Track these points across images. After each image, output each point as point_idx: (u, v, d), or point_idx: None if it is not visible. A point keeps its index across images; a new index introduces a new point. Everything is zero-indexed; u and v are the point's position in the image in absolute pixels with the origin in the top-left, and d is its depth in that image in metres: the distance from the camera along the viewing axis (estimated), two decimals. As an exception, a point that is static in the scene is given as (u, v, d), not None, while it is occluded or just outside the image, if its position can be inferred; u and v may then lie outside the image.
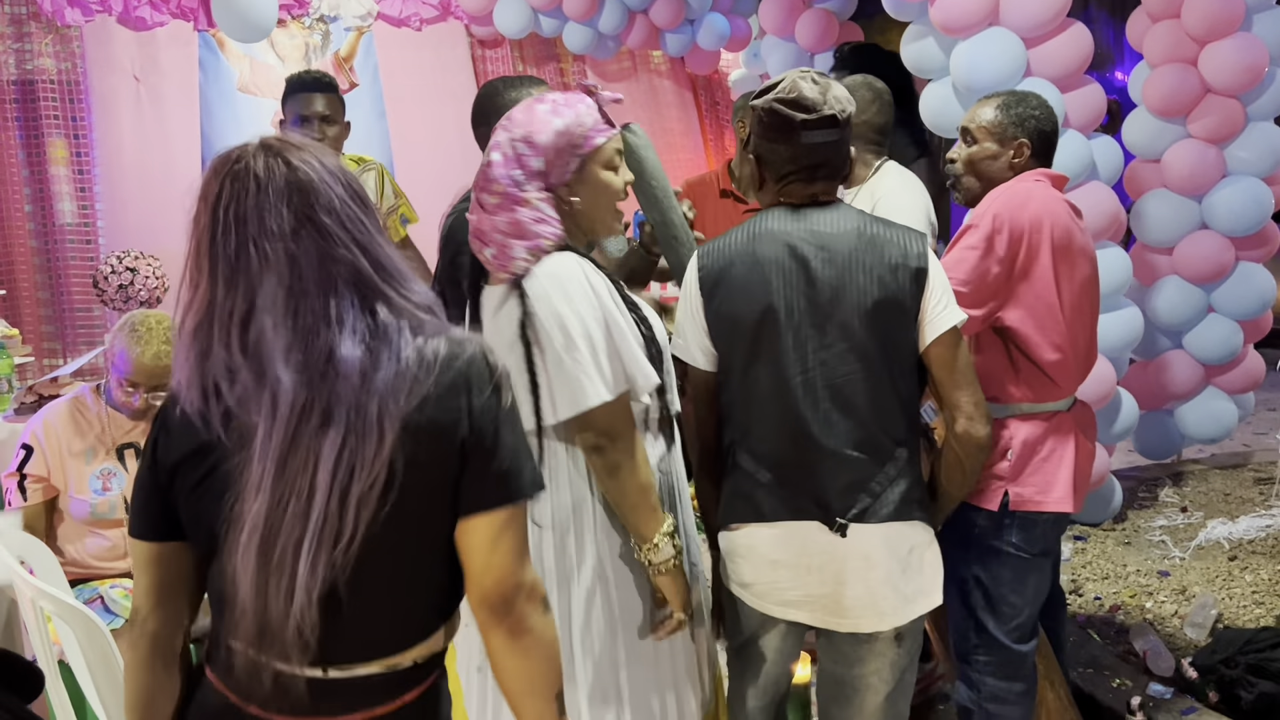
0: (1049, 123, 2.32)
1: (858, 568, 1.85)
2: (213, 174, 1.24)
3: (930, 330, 1.88)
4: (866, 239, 1.86)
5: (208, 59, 5.23)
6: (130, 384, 2.52)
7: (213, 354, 1.20)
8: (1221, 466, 4.87)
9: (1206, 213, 4.26)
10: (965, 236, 2.21)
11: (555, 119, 1.76)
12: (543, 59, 6.13)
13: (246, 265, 1.20)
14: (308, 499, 1.15)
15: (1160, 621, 3.33)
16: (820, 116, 1.84)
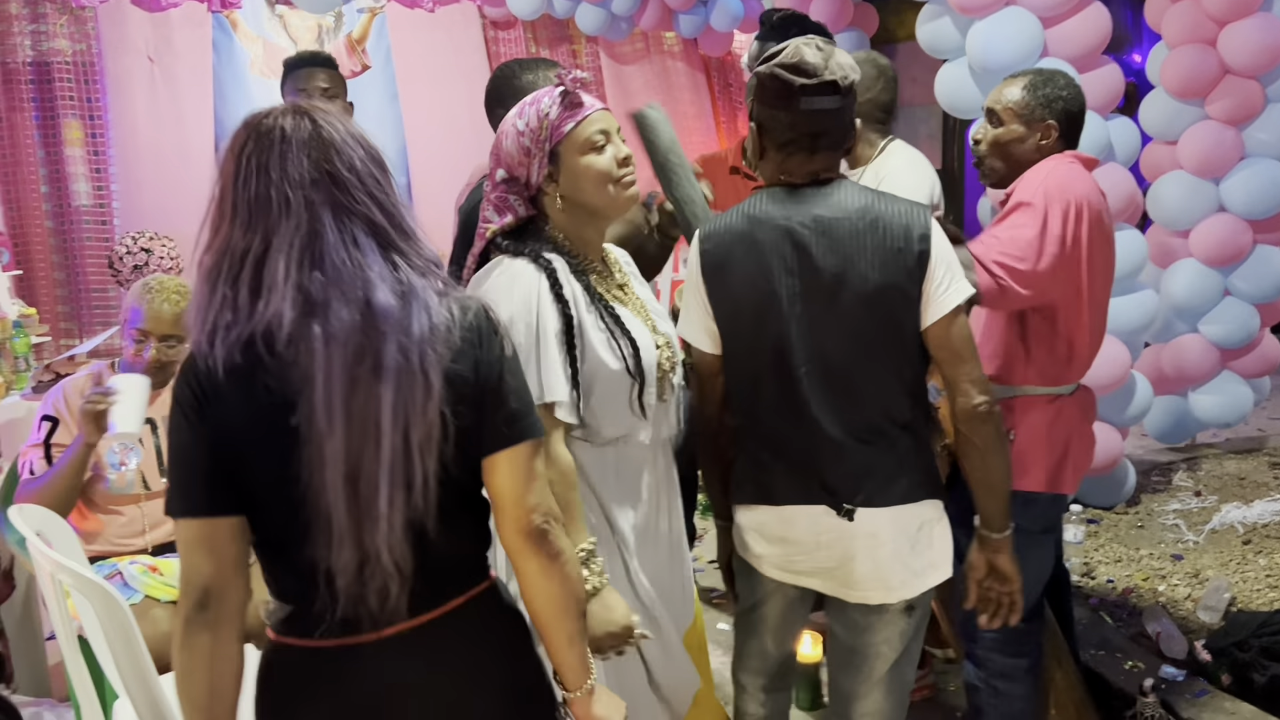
0: (1077, 103, 2.28)
1: (866, 545, 1.86)
2: (242, 127, 1.30)
3: (933, 311, 1.84)
4: (869, 220, 1.82)
5: (221, 40, 5.23)
6: (141, 334, 2.56)
7: (237, 302, 1.24)
8: (1236, 451, 4.85)
9: (1224, 195, 4.23)
10: (1018, 213, 2.15)
11: (518, 120, 1.77)
12: (556, 40, 6.11)
13: (265, 209, 1.25)
14: (376, 443, 1.23)
15: (1173, 605, 3.32)
16: (820, 82, 1.80)
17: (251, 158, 1.26)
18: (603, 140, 1.77)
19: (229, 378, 1.23)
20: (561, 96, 1.76)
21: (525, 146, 1.75)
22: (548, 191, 1.77)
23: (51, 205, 4.91)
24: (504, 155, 1.78)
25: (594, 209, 1.80)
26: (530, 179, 1.77)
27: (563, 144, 1.75)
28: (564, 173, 1.76)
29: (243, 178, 1.26)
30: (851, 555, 1.87)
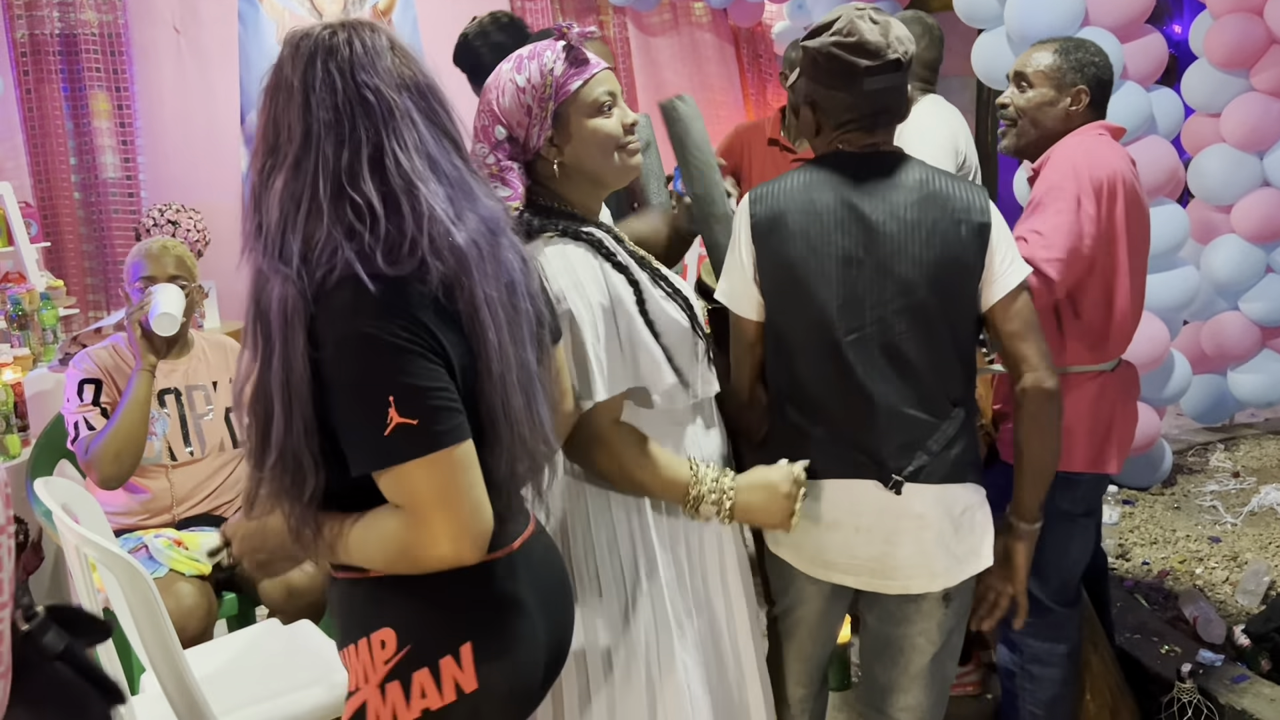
0: (1107, 71, 2.23)
1: (910, 527, 1.80)
2: (293, 46, 1.26)
3: (998, 288, 1.80)
4: (929, 193, 1.77)
5: (247, 11, 5.20)
6: (149, 279, 2.59)
7: (374, 211, 1.20)
8: (1275, 431, 4.75)
9: (1268, 169, 4.12)
10: (1053, 201, 2.09)
11: (517, 76, 1.61)
12: (583, 11, 6.04)
13: (368, 111, 1.21)
14: (522, 362, 1.31)
15: (1211, 588, 3.26)
16: (885, 62, 1.74)
17: (331, 66, 1.21)
18: (610, 101, 1.64)
19: (414, 290, 1.21)
20: (565, 51, 1.61)
21: (526, 105, 1.60)
22: (546, 156, 1.64)
23: (80, 177, 4.92)
24: (503, 112, 1.62)
25: (597, 176, 1.67)
26: (529, 142, 1.62)
27: (568, 104, 1.61)
28: (568, 136, 1.62)
29: (328, 86, 1.21)
30: (893, 539, 1.80)
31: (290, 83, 1.23)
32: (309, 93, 1.21)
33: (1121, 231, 2.11)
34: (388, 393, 1.16)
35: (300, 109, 1.21)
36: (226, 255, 5.12)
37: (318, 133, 1.20)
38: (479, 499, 1.23)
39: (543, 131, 1.61)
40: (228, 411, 2.70)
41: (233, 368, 2.73)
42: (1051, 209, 2.09)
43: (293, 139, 1.21)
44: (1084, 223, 2.06)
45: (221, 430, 2.70)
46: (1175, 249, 3.71)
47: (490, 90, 1.63)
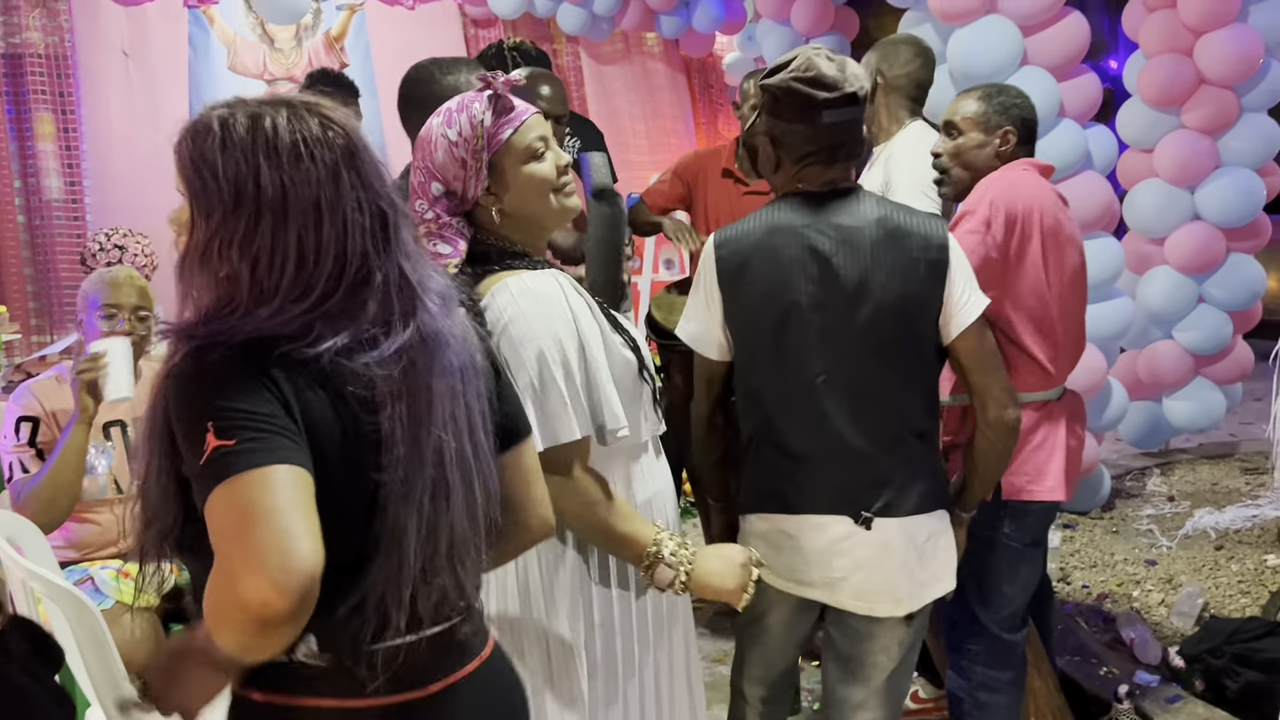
0: (1030, 110, 2.34)
1: (876, 556, 1.86)
2: (262, 127, 1.16)
3: (958, 322, 1.86)
4: (888, 230, 1.83)
5: (197, 35, 5.18)
6: (111, 308, 2.52)
7: (341, 306, 1.14)
8: (1209, 456, 4.90)
9: (1199, 203, 4.27)
10: (962, 222, 2.21)
11: (448, 130, 1.60)
12: (536, 39, 6.09)
13: (357, 219, 1.16)
14: (453, 459, 1.19)
15: (1147, 610, 3.35)
16: (842, 94, 1.80)
17: (267, 144, 1.14)
18: (542, 147, 1.62)
19: (324, 378, 1.13)
20: (492, 101, 1.60)
21: (460, 158, 1.59)
22: (484, 205, 1.62)
23: (23, 200, 4.85)
24: (438, 168, 1.61)
25: (537, 220, 1.66)
26: (467, 193, 1.61)
27: (502, 153, 1.59)
28: (504, 185, 1.61)
29: (316, 182, 1.14)
30: (861, 566, 1.87)
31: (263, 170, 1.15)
32: (289, 188, 1.15)
33: (1039, 264, 2.18)
34: (207, 417, 1.07)
35: (283, 202, 1.15)
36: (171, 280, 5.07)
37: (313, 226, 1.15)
38: (287, 528, 1.02)
39: (479, 182, 1.60)
40: None
41: None
42: (959, 230, 2.18)
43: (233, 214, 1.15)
44: (988, 247, 2.14)
45: None
46: (1111, 280, 3.83)
47: (422, 146, 1.63)
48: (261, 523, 1.02)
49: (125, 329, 2.53)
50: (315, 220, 1.13)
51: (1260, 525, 3.95)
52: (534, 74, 2.57)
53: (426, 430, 1.16)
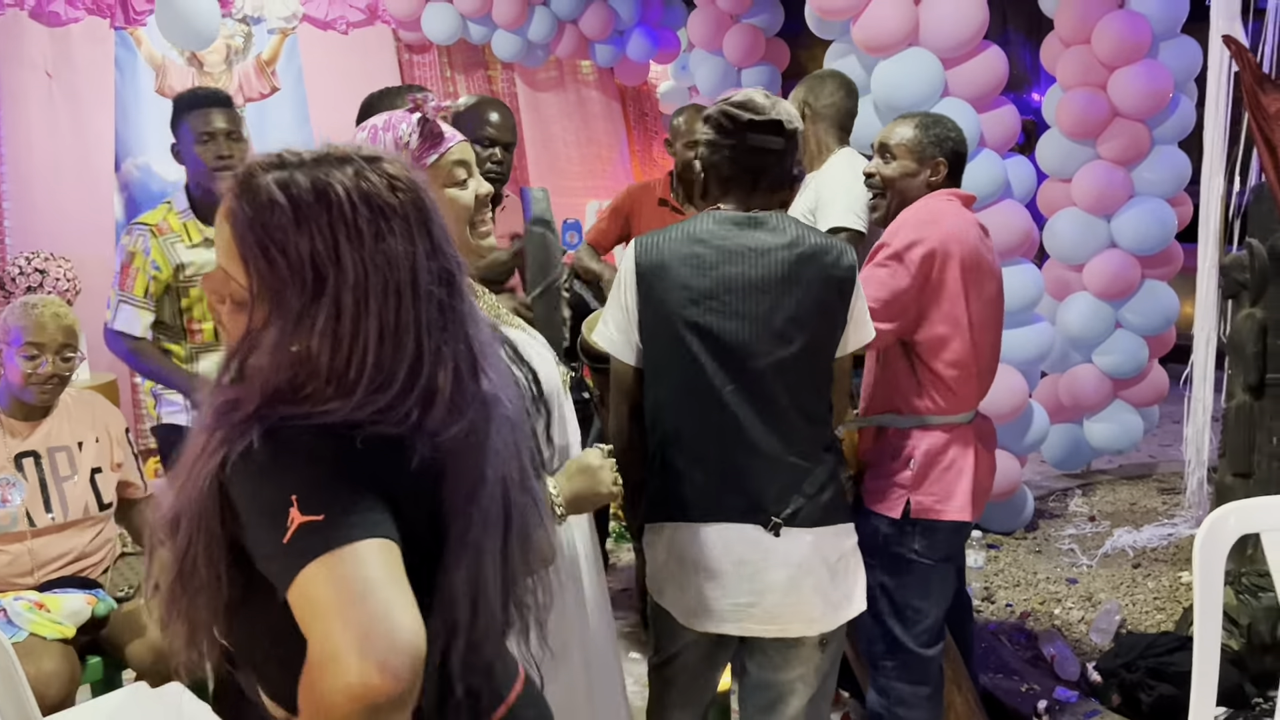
0: (963, 143, 2.41)
1: (791, 575, 1.88)
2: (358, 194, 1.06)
3: (853, 341, 1.96)
4: (801, 250, 1.90)
5: (124, 58, 5.10)
6: (34, 347, 2.46)
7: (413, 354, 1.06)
8: (1128, 477, 5.04)
9: (1115, 232, 4.42)
10: (880, 253, 2.27)
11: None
12: (471, 66, 6.11)
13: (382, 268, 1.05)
14: (514, 508, 1.16)
15: (1068, 627, 3.43)
16: (767, 119, 1.90)
17: (367, 201, 1.06)
18: (464, 174, 1.61)
19: (399, 448, 1.06)
20: (420, 124, 1.59)
21: None
22: None
23: (-60, 222, 4.73)
24: None
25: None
26: None
27: (426, 175, 1.59)
28: None
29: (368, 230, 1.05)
30: (772, 588, 1.89)
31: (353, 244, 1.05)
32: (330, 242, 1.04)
33: (957, 292, 2.25)
34: (289, 492, 0.98)
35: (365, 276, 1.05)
36: (97, 305, 4.96)
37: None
38: (389, 605, 0.94)
39: None
40: (93, 473, 2.61)
41: (99, 426, 2.66)
42: (876, 260, 2.25)
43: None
44: (899, 278, 2.21)
45: (86, 494, 2.59)
46: (1031, 305, 3.94)
47: None
48: (361, 602, 0.93)
49: (48, 370, 2.48)
50: (397, 302, 1.04)
51: (1175, 543, 4.08)
52: (482, 100, 2.58)
53: (488, 491, 1.11)
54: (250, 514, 1.01)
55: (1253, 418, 3.31)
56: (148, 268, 2.80)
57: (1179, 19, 4.27)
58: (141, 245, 2.80)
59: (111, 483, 2.65)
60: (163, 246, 2.81)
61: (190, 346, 2.91)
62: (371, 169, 1.07)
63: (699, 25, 5.26)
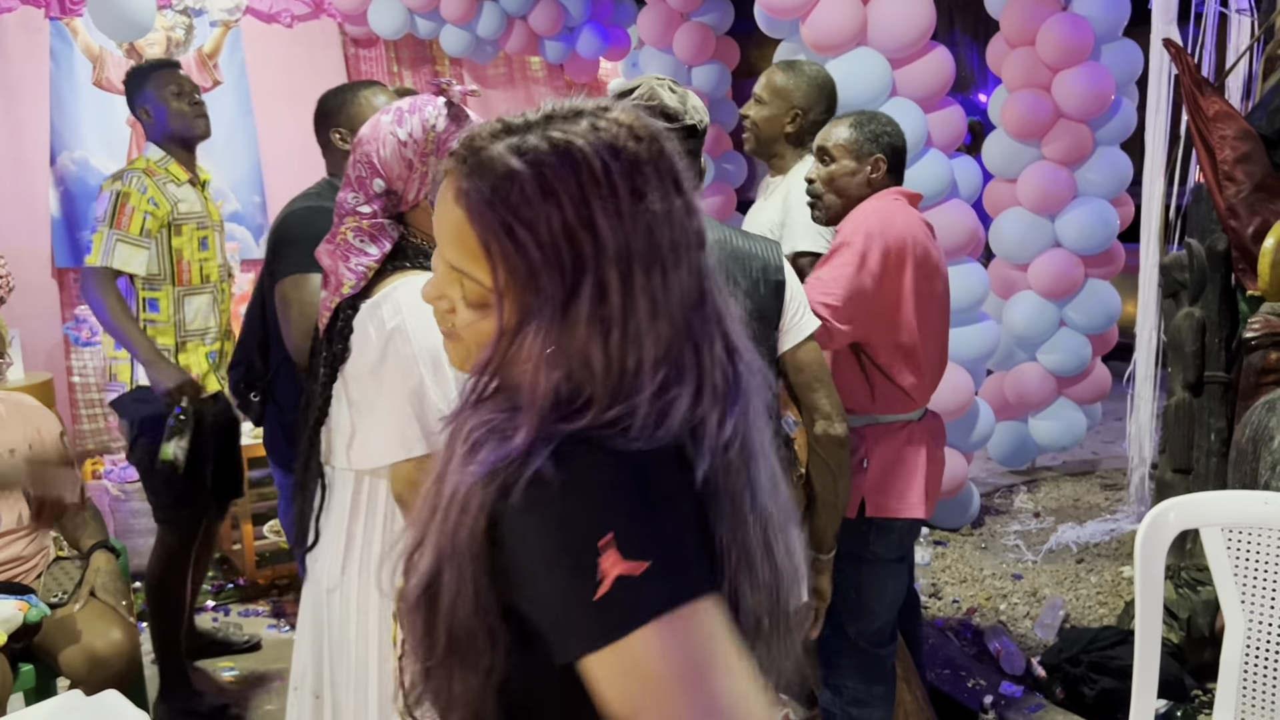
0: (900, 139, 2.41)
1: None
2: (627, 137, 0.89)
3: (791, 337, 1.94)
4: (729, 251, 1.89)
5: (60, 49, 4.97)
6: None
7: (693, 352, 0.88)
8: (1072, 474, 5.12)
9: (1059, 231, 4.48)
10: (839, 253, 2.25)
11: (398, 129, 1.58)
12: (418, 61, 6.04)
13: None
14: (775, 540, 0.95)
15: (1013, 622, 3.47)
16: (681, 126, 1.83)
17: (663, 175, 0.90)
18: None
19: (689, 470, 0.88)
20: (447, 108, 1.59)
21: (408, 159, 1.58)
22: (424, 208, 1.60)
23: None
24: (383, 164, 1.58)
25: None
26: (407, 195, 1.60)
27: None
28: None
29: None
30: None
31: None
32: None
33: (910, 293, 2.26)
34: (599, 532, 0.79)
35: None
36: (32, 301, 4.84)
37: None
38: (741, 674, 0.80)
39: (422, 186, 1.59)
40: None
41: (33, 431, 2.58)
42: (836, 261, 2.24)
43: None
44: (865, 278, 2.20)
45: (19, 502, 2.52)
46: (977, 304, 3.98)
47: (368, 142, 1.60)
48: (712, 676, 0.78)
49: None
50: (663, 273, 0.86)
51: (1117, 539, 4.14)
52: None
53: (755, 517, 0.91)
54: (537, 561, 0.82)
55: (1192, 415, 3.37)
56: (145, 205, 2.92)
57: (1120, 22, 4.34)
58: (137, 185, 2.93)
59: (45, 487, 2.58)
60: (158, 186, 2.96)
61: (178, 289, 3.02)
62: (606, 118, 0.89)
63: (649, 23, 5.25)
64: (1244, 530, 1.92)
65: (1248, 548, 1.92)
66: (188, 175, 3.03)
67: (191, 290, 3.04)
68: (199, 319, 3.07)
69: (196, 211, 3.05)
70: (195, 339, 3.06)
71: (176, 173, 3.01)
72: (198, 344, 3.07)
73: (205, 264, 3.08)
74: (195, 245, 3.05)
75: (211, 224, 3.11)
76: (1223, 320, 3.30)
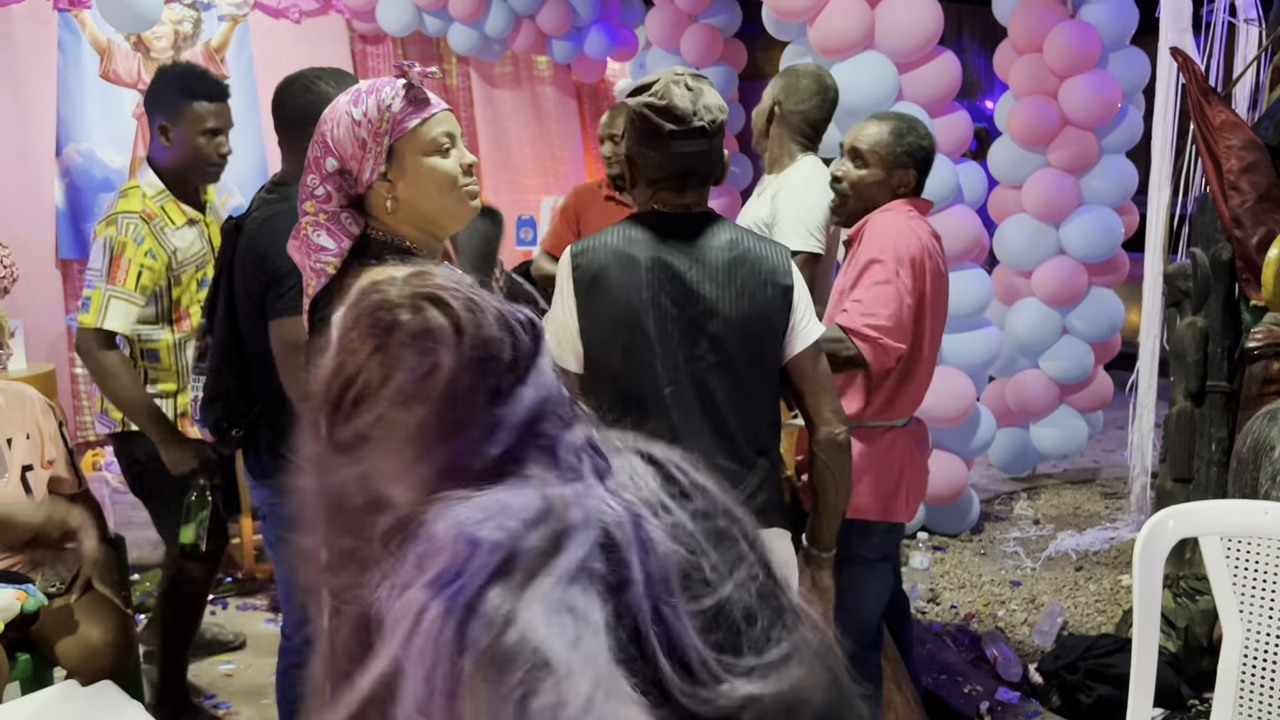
0: (933, 150, 2.39)
1: None
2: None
3: (798, 342, 1.92)
4: (738, 253, 1.88)
5: (68, 40, 4.98)
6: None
7: None
8: (1072, 481, 5.11)
9: (1063, 239, 4.48)
10: (871, 271, 2.23)
11: (353, 109, 1.57)
12: (425, 59, 6.04)
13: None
14: None
15: (1011, 629, 3.46)
16: (690, 128, 1.83)
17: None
18: (448, 143, 1.60)
19: None
20: (405, 89, 1.58)
21: (361, 138, 1.56)
22: (379, 192, 1.59)
23: None
24: (336, 143, 1.57)
25: (432, 216, 1.62)
26: (361, 175, 1.58)
27: (403, 141, 1.57)
28: (403, 174, 1.58)
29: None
30: None
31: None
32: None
33: (928, 307, 2.27)
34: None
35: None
36: (36, 292, 4.85)
37: None
38: None
39: (376, 166, 1.58)
40: (24, 471, 2.53)
41: (30, 422, 2.58)
42: (870, 280, 2.22)
43: None
44: (903, 293, 2.20)
45: (17, 492, 2.51)
46: (980, 310, 3.98)
47: (325, 122, 1.60)
48: None
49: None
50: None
51: (1116, 547, 4.14)
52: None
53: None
54: None
55: (1193, 424, 3.37)
56: (141, 258, 2.68)
57: (1128, 31, 4.34)
58: (133, 235, 2.67)
59: (43, 480, 2.58)
60: (155, 233, 2.71)
61: (178, 335, 2.82)
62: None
63: (657, 24, 5.25)
64: (1243, 540, 1.92)
65: (1247, 557, 1.91)
66: (185, 217, 2.78)
67: (190, 336, 2.82)
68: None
69: (195, 253, 2.83)
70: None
71: (173, 215, 2.76)
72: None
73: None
74: (194, 288, 2.85)
75: (212, 257, 2.85)
76: (1225, 330, 3.30)
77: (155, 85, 2.79)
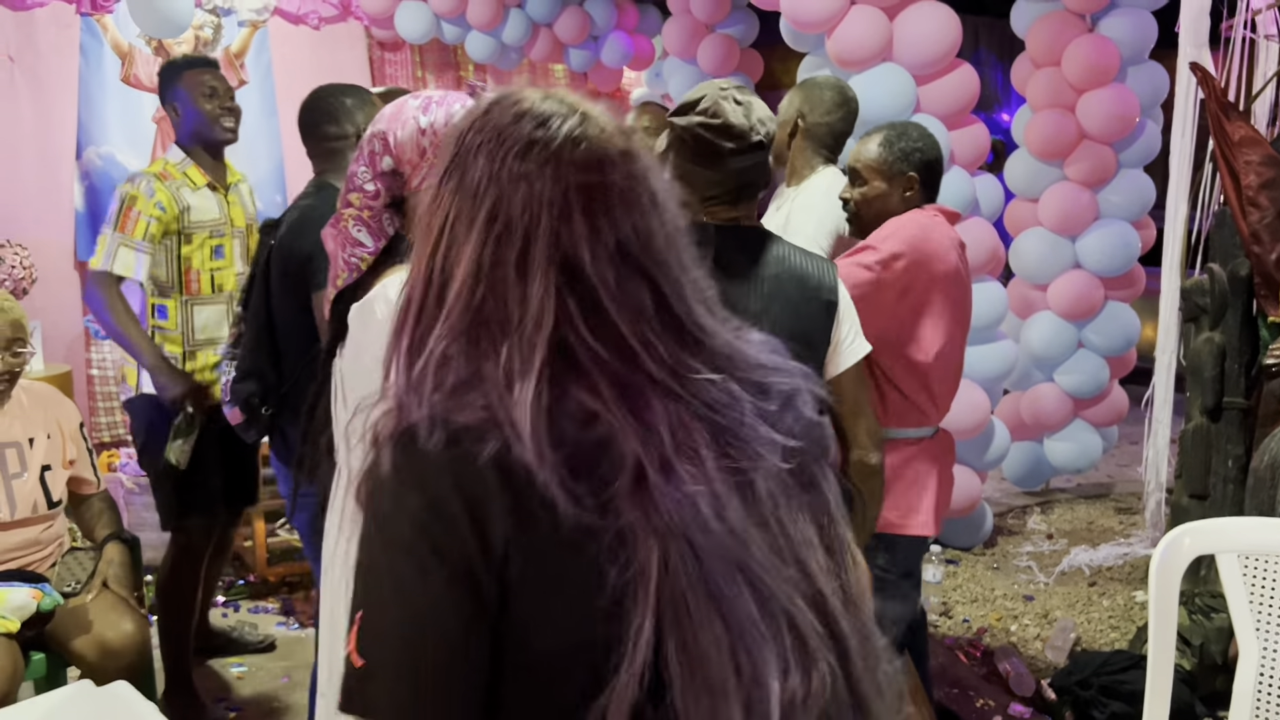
0: (933, 152, 2.36)
1: None
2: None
3: (842, 360, 1.90)
4: (786, 268, 1.86)
5: (90, 45, 5.02)
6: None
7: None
8: (1086, 496, 5.09)
9: (1080, 252, 4.46)
10: (862, 253, 2.23)
11: (421, 116, 1.59)
12: (443, 66, 6.07)
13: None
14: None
15: (1024, 644, 3.45)
16: (749, 144, 1.81)
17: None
18: None
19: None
20: None
21: (422, 147, 1.58)
22: (423, 199, 1.65)
23: (-105, 207, 4.63)
24: (397, 145, 1.59)
25: None
26: (411, 180, 1.60)
27: None
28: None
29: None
30: None
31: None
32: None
33: (933, 312, 2.25)
34: (357, 607, 0.78)
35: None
36: (54, 293, 4.88)
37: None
38: None
39: (428, 176, 1.57)
40: (43, 471, 2.55)
41: (52, 422, 2.60)
42: (857, 259, 2.22)
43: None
44: (879, 278, 2.19)
45: (36, 492, 2.52)
46: (996, 323, 3.96)
47: (389, 120, 1.61)
48: None
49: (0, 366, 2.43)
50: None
51: (1131, 563, 4.11)
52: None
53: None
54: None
55: (1209, 440, 3.35)
56: (150, 209, 2.87)
57: (1147, 45, 4.33)
58: (144, 188, 2.88)
59: (62, 480, 2.59)
60: (168, 189, 2.90)
61: (185, 298, 2.96)
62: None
63: (674, 33, 5.27)
64: (1260, 557, 1.90)
65: (1263, 575, 1.90)
66: (206, 179, 2.96)
67: (200, 300, 2.95)
68: (209, 329, 2.97)
69: (211, 219, 2.96)
70: (204, 348, 2.97)
71: (194, 177, 2.94)
72: (207, 353, 2.97)
73: (218, 273, 2.98)
74: (207, 253, 2.96)
75: (230, 230, 3.00)
76: (1243, 346, 3.28)
77: (161, 80, 3.03)
